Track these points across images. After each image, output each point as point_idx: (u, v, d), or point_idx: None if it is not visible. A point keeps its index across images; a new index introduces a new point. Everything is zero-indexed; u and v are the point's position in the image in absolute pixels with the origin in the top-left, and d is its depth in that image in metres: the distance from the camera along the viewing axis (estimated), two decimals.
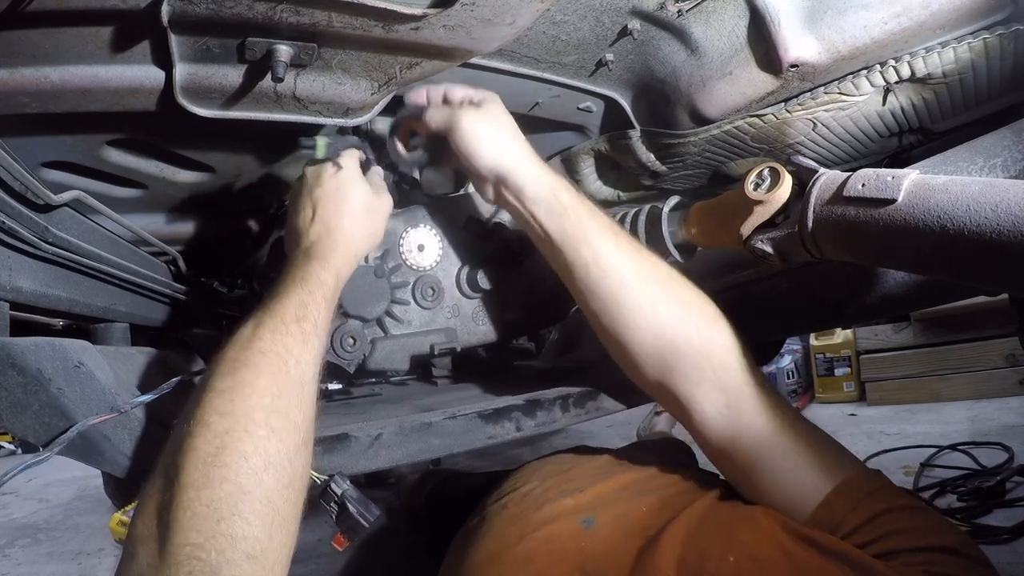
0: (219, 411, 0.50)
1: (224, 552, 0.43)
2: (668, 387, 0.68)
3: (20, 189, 0.59)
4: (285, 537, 0.48)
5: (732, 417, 0.64)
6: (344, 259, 0.71)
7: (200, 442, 0.48)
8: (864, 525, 0.54)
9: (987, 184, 0.49)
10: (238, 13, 0.58)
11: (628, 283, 0.69)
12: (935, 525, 0.54)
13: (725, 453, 0.65)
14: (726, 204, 0.72)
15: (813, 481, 0.59)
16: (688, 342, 0.66)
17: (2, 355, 0.54)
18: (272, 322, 0.57)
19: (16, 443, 4.06)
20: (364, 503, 0.63)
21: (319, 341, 0.60)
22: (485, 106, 0.76)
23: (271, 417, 0.51)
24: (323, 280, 0.65)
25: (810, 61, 0.78)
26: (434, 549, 0.89)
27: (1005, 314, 2.22)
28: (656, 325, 0.67)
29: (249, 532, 0.45)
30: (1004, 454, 1.96)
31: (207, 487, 0.45)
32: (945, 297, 0.79)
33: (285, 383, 0.54)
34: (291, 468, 0.51)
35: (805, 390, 3.14)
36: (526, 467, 0.88)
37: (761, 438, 0.62)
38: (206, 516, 0.44)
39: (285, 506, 0.49)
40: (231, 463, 0.47)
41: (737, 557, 0.53)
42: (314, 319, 0.60)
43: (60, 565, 2.03)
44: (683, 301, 0.68)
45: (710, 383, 0.65)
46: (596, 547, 0.61)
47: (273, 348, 0.55)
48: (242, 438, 0.48)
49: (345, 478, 0.65)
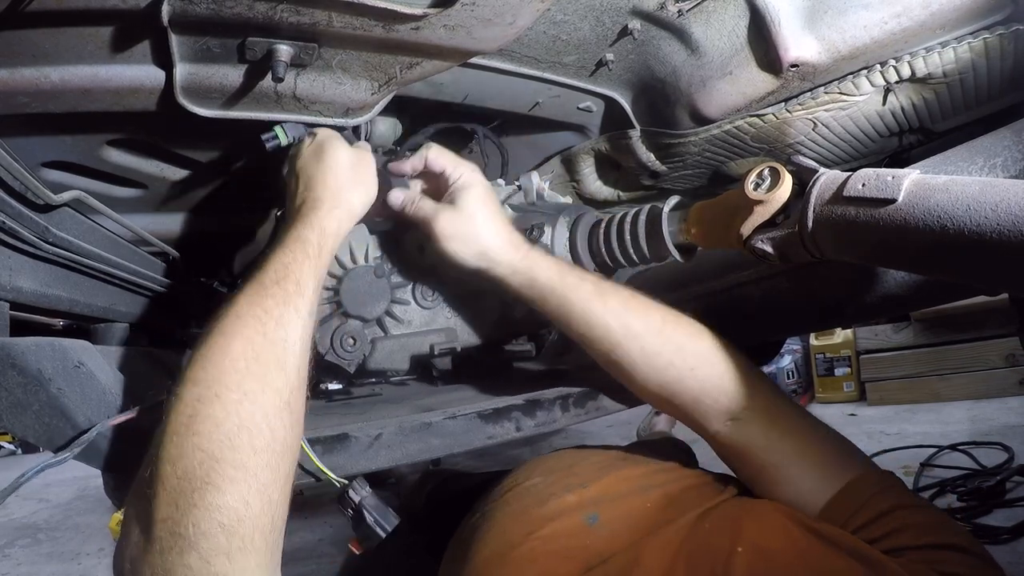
0: (191, 380, 0.50)
1: (199, 524, 0.43)
2: (674, 412, 0.73)
3: (20, 189, 0.59)
4: (264, 504, 0.47)
5: (739, 426, 0.67)
6: (330, 213, 0.68)
7: (174, 414, 0.48)
8: (872, 522, 0.55)
9: (987, 184, 0.49)
10: (238, 13, 0.58)
11: (619, 344, 0.71)
12: (943, 523, 0.55)
13: (736, 456, 0.69)
14: (726, 204, 0.72)
15: (822, 479, 0.61)
16: (682, 383, 0.69)
17: (2, 355, 0.54)
18: (250, 288, 0.57)
19: (16, 443, 4.06)
20: (383, 511, 0.63)
21: (305, 299, 0.59)
22: (460, 203, 0.76)
23: (245, 380, 0.50)
24: (304, 237, 0.64)
25: (810, 61, 0.78)
26: (434, 549, 0.89)
27: (1005, 314, 2.22)
28: (652, 374, 0.71)
29: (223, 501, 0.45)
30: (1004, 454, 1.96)
31: (181, 458, 0.45)
32: (945, 297, 0.79)
33: (262, 345, 0.53)
34: (269, 431, 0.50)
35: (805, 390, 3.14)
36: (527, 463, 0.88)
37: (769, 439, 0.65)
38: (181, 489, 0.44)
39: (263, 471, 0.48)
40: (203, 431, 0.47)
41: (745, 548, 0.53)
42: (296, 277, 0.59)
43: (60, 565, 2.04)
44: (677, 347, 0.70)
45: (712, 411, 0.69)
46: (601, 545, 0.61)
47: (250, 311, 0.54)
48: (213, 403, 0.48)
49: (364, 484, 0.64)
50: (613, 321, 0.71)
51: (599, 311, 0.72)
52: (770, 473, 0.65)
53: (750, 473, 0.68)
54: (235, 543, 0.44)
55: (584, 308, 0.73)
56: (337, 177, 0.71)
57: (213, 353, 0.51)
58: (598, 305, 0.72)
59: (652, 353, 0.70)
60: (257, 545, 0.46)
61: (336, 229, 0.69)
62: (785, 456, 0.64)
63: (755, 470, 0.67)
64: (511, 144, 1.12)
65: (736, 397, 0.67)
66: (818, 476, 0.61)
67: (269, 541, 0.47)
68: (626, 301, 0.73)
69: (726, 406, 0.68)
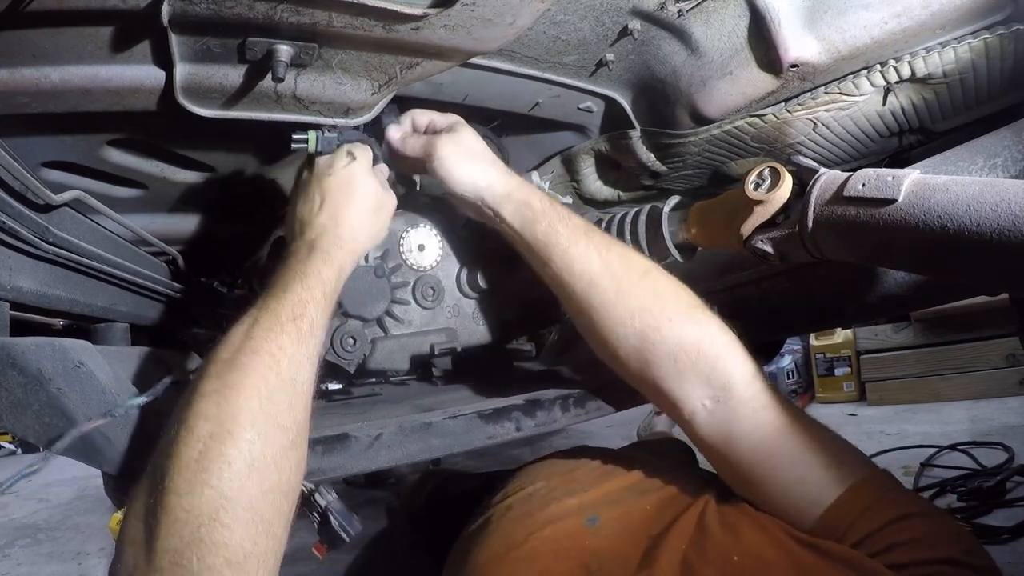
0: (204, 415, 0.49)
1: (205, 559, 0.43)
2: (651, 382, 0.67)
3: (20, 189, 0.59)
4: (270, 542, 0.47)
5: (722, 413, 0.62)
6: (348, 255, 0.70)
7: (183, 447, 0.47)
8: (872, 535, 0.52)
9: (987, 184, 0.49)
10: (238, 13, 0.58)
11: (597, 281, 0.69)
12: (944, 534, 0.52)
13: (720, 454, 0.63)
14: (726, 204, 0.72)
15: (818, 485, 0.56)
16: (659, 332, 0.65)
17: (2, 355, 0.54)
18: (267, 320, 0.56)
19: (16, 443, 4.06)
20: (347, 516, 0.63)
21: (316, 340, 0.59)
22: (455, 133, 0.79)
23: (257, 419, 0.50)
24: (325, 276, 0.64)
25: (810, 61, 0.78)
26: (435, 549, 0.89)
27: (1005, 314, 2.22)
28: (627, 320, 0.67)
29: (230, 539, 0.45)
30: (1004, 454, 1.96)
31: (189, 493, 0.45)
32: (945, 297, 0.79)
33: (275, 384, 0.53)
34: (277, 472, 0.50)
35: (805, 390, 3.14)
36: (529, 468, 0.88)
37: (758, 437, 0.60)
38: (187, 522, 0.44)
39: (270, 511, 0.48)
40: (213, 468, 0.46)
41: (741, 557, 0.53)
42: (311, 317, 0.59)
43: (60, 565, 2.03)
44: (656, 293, 0.67)
45: (690, 376, 0.63)
46: (600, 545, 0.61)
47: (266, 348, 0.54)
48: (225, 442, 0.48)
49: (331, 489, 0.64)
50: (595, 255, 0.70)
51: (583, 244, 0.71)
52: (760, 477, 0.60)
53: (737, 478, 0.63)
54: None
55: (570, 238, 0.72)
56: (361, 219, 0.73)
57: (227, 389, 0.51)
58: (583, 238, 0.72)
59: (629, 294, 0.67)
60: None
61: (349, 271, 0.71)
62: (776, 456, 0.59)
63: (743, 473, 0.61)
64: (511, 144, 1.12)
65: (718, 365, 0.62)
66: (812, 481, 0.56)
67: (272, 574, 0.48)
68: (611, 242, 0.73)
69: (706, 372, 0.63)
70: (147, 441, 0.60)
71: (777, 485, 0.59)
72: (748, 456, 0.61)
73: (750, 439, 0.60)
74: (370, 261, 0.87)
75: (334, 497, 0.64)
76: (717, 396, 0.62)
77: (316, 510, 0.63)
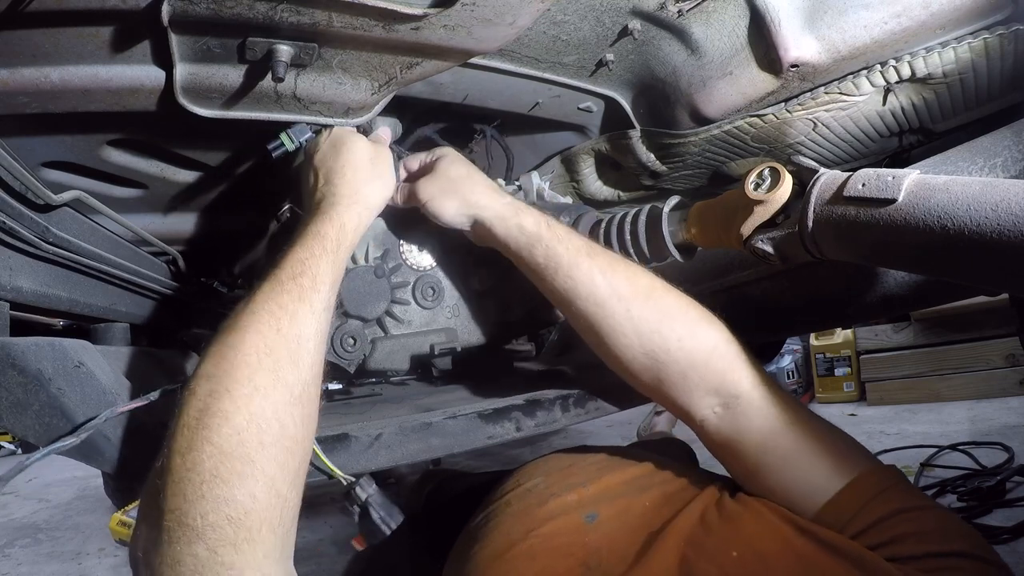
0: (204, 375, 0.50)
1: (207, 516, 0.44)
2: (663, 394, 0.70)
3: (20, 189, 0.59)
4: (272, 498, 0.47)
5: (731, 417, 0.64)
6: (349, 208, 0.69)
7: (185, 407, 0.49)
8: (873, 527, 0.53)
9: (987, 184, 0.49)
10: (238, 13, 0.58)
11: (604, 303, 0.69)
12: (948, 528, 0.52)
13: (729, 451, 0.65)
14: (726, 204, 0.72)
15: (820, 478, 0.58)
16: (668, 354, 0.66)
17: (2, 355, 0.54)
18: (267, 284, 0.58)
19: (16, 443, 4.06)
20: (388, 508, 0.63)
21: (320, 296, 0.59)
22: (435, 171, 0.80)
23: (256, 375, 0.51)
24: (323, 233, 0.64)
25: (810, 61, 0.78)
26: (434, 549, 0.89)
27: (1005, 314, 2.22)
28: (636, 341, 0.68)
29: (230, 494, 0.45)
30: (1004, 454, 1.97)
31: (190, 451, 0.46)
32: (945, 297, 0.79)
33: (275, 340, 0.53)
34: (279, 426, 0.50)
35: (805, 390, 3.14)
36: (528, 465, 0.88)
37: (764, 435, 0.62)
38: (190, 480, 0.45)
39: (271, 466, 0.48)
40: (212, 424, 0.47)
41: (740, 552, 0.53)
42: (312, 274, 0.60)
43: (60, 565, 2.04)
44: (663, 313, 0.68)
45: (700, 389, 0.65)
46: (599, 542, 0.61)
47: (264, 307, 0.55)
48: (222, 398, 0.49)
49: (371, 482, 0.65)
50: (600, 278, 0.69)
51: (586, 266, 0.70)
52: (765, 470, 0.61)
53: (744, 471, 0.65)
54: (241, 535, 0.45)
55: (571, 261, 0.71)
56: (356, 171, 0.72)
57: (226, 348, 0.52)
58: (585, 260, 0.71)
59: (638, 317, 0.67)
60: (264, 536, 0.46)
61: (356, 224, 0.69)
62: (780, 452, 0.60)
63: (749, 467, 0.63)
64: (511, 144, 1.12)
65: (727, 377, 0.64)
66: (815, 474, 0.58)
67: (278, 533, 0.48)
68: (614, 261, 0.72)
69: (715, 385, 0.64)
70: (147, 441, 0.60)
71: (783, 478, 0.60)
72: (755, 451, 0.62)
73: (757, 436, 0.62)
74: (370, 261, 0.87)
75: (375, 490, 0.64)
76: (727, 403, 0.65)
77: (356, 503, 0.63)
